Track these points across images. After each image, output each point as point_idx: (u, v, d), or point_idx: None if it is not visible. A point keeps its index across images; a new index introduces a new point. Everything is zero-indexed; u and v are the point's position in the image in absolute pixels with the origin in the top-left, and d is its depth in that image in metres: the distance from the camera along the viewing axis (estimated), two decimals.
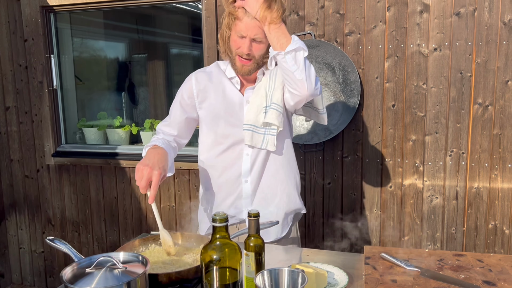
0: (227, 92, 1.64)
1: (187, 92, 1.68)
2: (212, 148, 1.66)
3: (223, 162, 1.65)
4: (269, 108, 1.57)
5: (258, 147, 1.60)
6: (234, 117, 1.63)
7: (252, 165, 1.63)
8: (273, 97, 1.57)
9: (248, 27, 1.46)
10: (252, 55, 1.51)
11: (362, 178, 2.54)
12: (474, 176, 2.38)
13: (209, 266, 0.98)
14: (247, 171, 1.64)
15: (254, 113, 1.59)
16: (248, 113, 1.59)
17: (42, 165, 3.15)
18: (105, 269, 1.08)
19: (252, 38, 1.48)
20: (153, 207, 1.38)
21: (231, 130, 1.62)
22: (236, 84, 1.64)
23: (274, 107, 1.56)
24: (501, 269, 1.22)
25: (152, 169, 1.36)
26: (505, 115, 2.29)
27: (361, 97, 2.46)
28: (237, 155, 1.64)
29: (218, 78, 1.66)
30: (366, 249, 1.38)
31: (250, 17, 1.45)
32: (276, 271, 1.06)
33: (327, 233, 2.64)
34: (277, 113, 1.56)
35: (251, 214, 1.15)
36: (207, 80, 1.66)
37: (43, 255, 3.27)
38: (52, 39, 3.06)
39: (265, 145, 1.59)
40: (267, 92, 1.59)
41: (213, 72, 1.68)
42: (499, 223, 2.38)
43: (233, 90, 1.64)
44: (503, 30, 2.23)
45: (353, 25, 2.43)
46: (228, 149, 1.64)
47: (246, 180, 1.65)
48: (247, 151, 1.63)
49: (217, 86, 1.65)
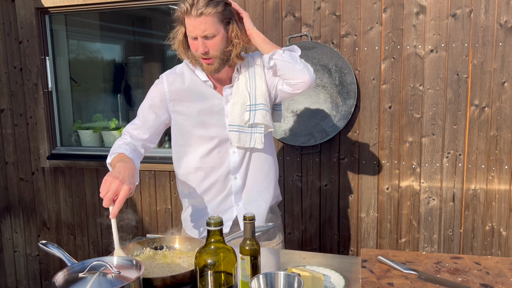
0: (204, 93, 1.61)
1: (159, 94, 1.62)
2: (196, 151, 1.64)
3: (211, 163, 1.63)
4: (256, 109, 1.59)
5: (246, 146, 1.61)
6: (215, 118, 1.61)
7: (241, 161, 1.64)
8: (257, 96, 1.59)
9: (194, 27, 1.44)
10: (210, 52, 1.48)
11: (359, 180, 2.53)
12: (471, 178, 2.37)
13: (204, 270, 0.96)
14: (236, 168, 1.64)
15: (238, 113, 1.58)
16: (232, 114, 1.59)
17: (37, 167, 3.12)
18: (99, 274, 1.07)
19: (203, 36, 1.45)
20: (112, 223, 1.29)
21: (215, 131, 1.61)
22: (210, 87, 1.62)
23: (261, 107, 1.59)
24: (499, 272, 1.21)
25: (122, 183, 1.27)
26: (501, 117, 2.29)
27: (358, 99, 2.45)
28: (223, 154, 1.63)
29: (191, 79, 1.62)
30: (363, 252, 1.37)
31: (191, 17, 1.43)
32: (272, 275, 1.04)
33: (324, 235, 2.62)
34: (264, 112, 1.59)
35: (247, 218, 1.14)
36: (180, 82, 1.62)
37: (38, 259, 3.25)
38: (47, 41, 3.04)
39: (253, 143, 1.61)
40: (249, 90, 1.59)
41: (184, 72, 1.63)
42: (496, 225, 2.37)
43: (209, 91, 1.62)
44: (499, 32, 2.23)
45: (349, 27, 2.43)
46: (214, 149, 1.62)
47: (235, 176, 1.65)
48: (233, 148, 1.63)
49: (192, 87, 1.61)
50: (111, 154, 1.54)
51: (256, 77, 1.61)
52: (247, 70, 1.62)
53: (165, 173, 2.78)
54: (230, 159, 1.64)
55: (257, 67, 1.63)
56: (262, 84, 1.61)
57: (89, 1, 2.82)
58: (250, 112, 1.59)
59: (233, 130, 1.59)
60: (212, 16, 1.44)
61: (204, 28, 1.44)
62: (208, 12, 1.42)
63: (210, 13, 1.42)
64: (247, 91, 1.59)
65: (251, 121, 1.59)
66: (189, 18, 1.45)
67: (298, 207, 2.63)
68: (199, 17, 1.42)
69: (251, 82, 1.61)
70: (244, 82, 1.60)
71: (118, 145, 1.57)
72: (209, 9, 1.42)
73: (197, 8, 1.42)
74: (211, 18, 1.43)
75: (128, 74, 4.07)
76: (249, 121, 1.59)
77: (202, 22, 1.43)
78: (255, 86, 1.60)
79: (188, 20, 1.46)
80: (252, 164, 1.66)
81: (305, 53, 2.47)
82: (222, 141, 1.62)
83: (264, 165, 1.69)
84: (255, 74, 1.61)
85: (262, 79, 1.61)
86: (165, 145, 3.03)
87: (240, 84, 1.60)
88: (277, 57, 1.51)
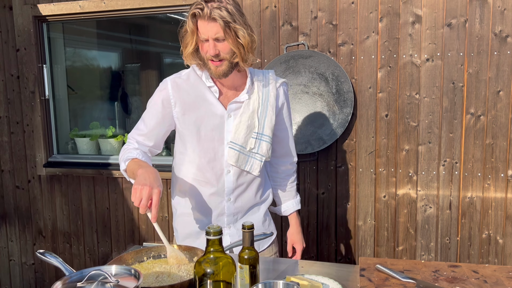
0: (207, 101, 1.58)
1: (164, 100, 1.60)
2: (192, 161, 1.61)
3: (204, 177, 1.61)
4: (262, 138, 1.59)
5: (242, 168, 1.60)
6: (214, 130, 1.58)
7: (236, 183, 1.62)
8: (266, 127, 1.60)
9: (206, 29, 1.44)
10: (221, 55, 1.47)
11: (356, 187, 2.53)
12: (467, 186, 2.38)
13: (203, 279, 0.96)
14: (230, 190, 1.62)
15: (243, 134, 1.57)
16: (237, 133, 1.57)
17: (33, 175, 3.11)
18: (97, 283, 1.06)
19: (214, 38, 1.44)
20: (155, 226, 1.35)
21: (211, 144, 1.59)
22: (215, 93, 1.58)
23: (266, 140, 1.60)
24: (496, 280, 1.22)
25: (151, 187, 1.32)
26: (497, 125, 2.31)
27: (354, 107, 2.47)
28: (218, 170, 1.60)
29: (196, 85, 1.60)
30: (361, 260, 1.37)
31: (204, 20, 1.43)
32: (271, 284, 1.04)
33: (321, 243, 2.62)
34: (268, 145, 1.61)
35: (246, 226, 1.14)
36: (185, 87, 1.60)
37: (34, 267, 3.22)
38: (44, 48, 3.05)
39: (249, 168, 1.60)
40: (260, 117, 1.58)
41: (190, 78, 1.61)
42: (493, 233, 2.38)
43: (213, 100, 1.58)
44: (494, 41, 2.26)
45: (346, 36, 2.45)
46: (209, 163, 1.60)
47: (229, 198, 1.63)
48: (229, 167, 1.60)
49: (196, 94, 1.59)
50: (125, 160, 1.54)
51: (269, 107, 1.60)
52: (261, 91, 1.60)
53: (162, 181, 2.77)
54: (225, 179, 1.61)
55: (271, 93, 1.61)
56: (272, 116, 1.61)
57: (86, 9, 2.83)
58: (256, 140, 1.58)
59: (234, 149, 1.57)
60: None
61: (216, 31, 1.43)
62: (222, 17, 1.41)
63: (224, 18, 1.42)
64: (257, 117, 1.58)
65: (255, 150, 1.58)
66: (202, 21, 1.44)
67: None
68: (212, 21, 1.42)
69: (263, 110, 1.59)
70: (256, 105, 1.58)
71: (127, 150, 1.58)
72: (223, 14, 1.41)
73: (211, 12, 1.41)
74: (223, 23, 1.42)
75: (125, 82, 4.07)
76: (253, 149, 1.58)
77: (215, 25, 1.42)
78: (266, 115, 1.59)
79: (200, 23, 1.45)
80: (250, 188, 1.66)
81: (302, 62, 2.49)
82: (217, 157, 1.60)
83: (261, 189, 1.71)
84: (268, 102, 1.60)
85: (273, 111, 1.61)
86: (162, 153, 3.03)
87: (251, 105, 1.58)
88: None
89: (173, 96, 1.59)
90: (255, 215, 1.71)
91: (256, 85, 1.60)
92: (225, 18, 1.41)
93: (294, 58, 2.50)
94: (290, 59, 2.51)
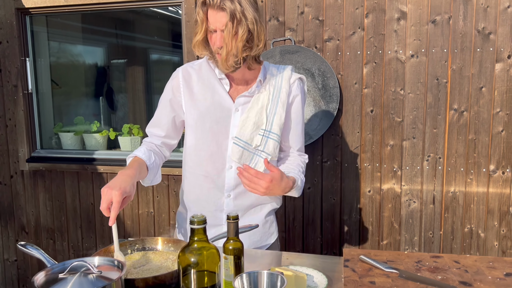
0: (216, 93, 1.55)
1: (174, 88, 1.58)
2: (193, 153, 1.59)
3: (205, 171, 1.57)
4: (269, 136, 1.53)
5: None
6: (220, 123, 1.54)
7: (237, 179, 1.55)
8: (274, 124, 1.53)
9: (215, 19, 1.40)
10: (225, 49, 1.41)
11: (342, 182, 2.55)
12: (450, 181, 2.42)
13: (187, 269, 0.96)
14: (231, 186, 1.57)
15: (250, 130, 1.52)
16: (243, 129, 1.52)
17: (16, 171, 3.06)
18: (79, 274, 1.05)
19: (222, 30, 1.40)
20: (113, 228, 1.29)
21: (215, 137, 1.54)
22: (226, 85, 1.55)
23: (274, 138, 1.54)
24: (477, 270, 1.24)
25: (111, 189, 1.27)
26: (479, 121, 2.34)
27: (340, 103, 2.48)
28: (220, 165, 1.56)
29: (207, 76, 1.57)
30: (345, 251, 1.38)
31: (214, 10, 1.40)
32: (255, 274, 1.04)
33: (307, 237, 2.64)
34: (276, 144, 1.54)
35: (230, 217, 1.14)
36: (195, 76, 1.57)
37: (16, 264, 3.18)
38: (27, 42, 3.00)
39: (253, 165, 1.54)
40: (268, 114, 1.53)
41: (202, 68, 1.58)
42: (475, 227, 2.42)
43: (222, 93, 1.55)
44: (477, 38, 2.29)
45: (332, 31, 2.46)
46: (210, 157, 1.56)
47: (229, 194, 1.58)
48: (231, 163, 1.56)
49: (206, 84, 1.56)
50: (129, 157, 1.53)
51: (279, 103, 1.54)
52: (273, 87, 1.54)
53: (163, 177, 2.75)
54: (226, 174, 1.56)
55: (283, 90, 1.55)
56: (282, 113, 1.54)
57: (71, 2, 2.79)
58: (263, 137, 1.53)
59: (238, 145, 1.52)
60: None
61: (224, 22, 1.38)
62: (232, 8, 1.37)
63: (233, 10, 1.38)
64: (266, 113, 1.53)
65: (261, 147, 1.53)
66: (212, 10, 1.40)
67: (282, 210, 2.64)
68: (222, 11, 1.38)
69: (272, 106, 1.53)
70: (265, 101, 1.53)
71: (138, 148, 1.57)
72: (233, 5, 1.37)
73: (221, 1, 1.37)
74: (232, 14, 1.38)
75: (111, 78, 4.03)
76: (259, 146, 1.53)
77: (224, 16, 1.37)
78: (275, 112, 1.53)
79: (210, 12, 1.41)
80: None
81: (288, 57, 2.49)
82: (220, 151, 1.55)
83: None
84: (279, 98, 1.54)
85: (283, 108, 1.54)
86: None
87: (261, 100, 1.53)
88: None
89: (182, 85, 1.57)
90: (256, 215, 1.64)
91: (268, 80, 1.55)
92: (235, 10, 1.37)
93: (281, 53, 2.50)
94: (277, 54, 2.51)
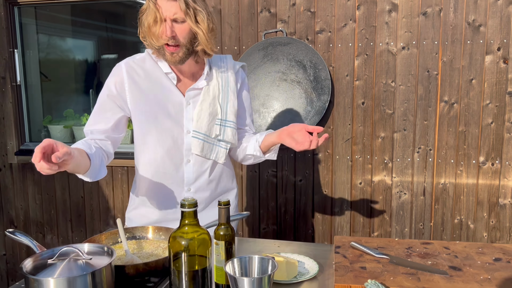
0: (164, 88, 1.51)
1: (118, 84, 1.50)
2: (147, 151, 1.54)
3: (163, 168, 1.54)
4: (226, 125, 1.55)
5: (208, 157, 1.55)
6: (173, 118, 1.52)
7: (197, 172, 1.57)
8: (229, 113, 1.55)
9: (166, 7, 1.37)
10: (178, 39, 1.39)
11: (333, 175, 2.56)
12: (440, 172, 2.43)
13: (178, 253, 0.95)
14: (191, 180, 1.57)
15: (206, 122, 1.52)
16: (199, 121, 1.52)
17: (4, 164, 3.03)
18: (69, 260, 1.04)
19: (172, 19, 1.37)
20: (118, 223, 1.31)
21: (170, 133, 1.52)
22: (173, 80, 1.52)
23: (231, 125, 1.56)
24: (466, 255, 1.25)
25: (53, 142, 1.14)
26: (469, 113, 2.36)
27: (332, 95, 2.49)
28: (178, 160, 1.55)
29: (153, 70, 1.52)
30: (336, 238, 1.39)
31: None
32: (246, 258, 1.04)
33: (298, 229, 2.64)
34: (234, 131, 1.57)
35: (221, 203, 1.13)
36: (140, 72, 1.51)
37: (5, 258, 3.14)
38: (16, 33, 2.96)
39: (214, 156, 1.55)
40: (221, 103, 1.55)
41: (146, 62, 1.53)
42: (464, 218, 2.44)
43: (171, 87, 1.52)
44: (467, 30, 2.31)
45: (323, 23, 2.46)
46: (166, 153, 1.53)
47: (189, 188, 1.58)
48: (189, 157, 1.55)
49: (153, 79, 1.51)
50: None
51: (229, 92, 1.56)
52: (220, 77, 1.56)
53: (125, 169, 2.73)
54: (184, 169, 1.56)
55: (230, 78, 1.57)
56: (234, 100, 1.56)
57: None
58: (221, 126, 1.54)
59: (198, 138, 1.51)
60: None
61: (175, 11, 1.37)
62: None
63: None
64: (219, 103, 1.54)
65: (221, 136, 1.54)
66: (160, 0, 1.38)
67: (273, 202, 2.64)
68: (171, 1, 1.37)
69: (224, 95, 1.55)
70: (216, 91, 1.54)
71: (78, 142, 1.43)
72: None
73: None
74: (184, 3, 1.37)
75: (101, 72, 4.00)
76: (218, 136, 1.54)
77: (175, 5, 1.36)
78: (227, 100, 1.55)
79: (160, 1, 1.38)
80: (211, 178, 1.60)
81: (280, 49, 2.49)
82: (176, 146, 1.53)
83: (223, 177, 1.64)
84: (229, 87, 1.56)
85: (235, 96, 1.57)
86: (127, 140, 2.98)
87: (211, 92, 1.53)
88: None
89: (127, 81, 1.50)
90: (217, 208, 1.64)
91: (214, 71, 1.56)
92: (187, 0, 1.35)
93: (273, 45, 2.50)
94: (269, 46, 2.50)
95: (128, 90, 1.50)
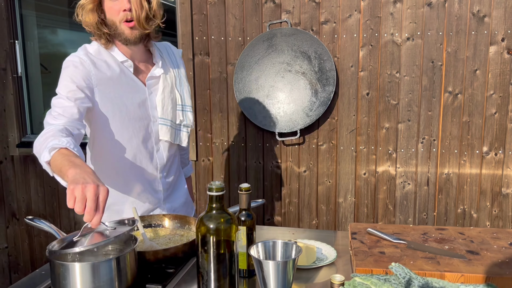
0: (127, 77, 1.49)
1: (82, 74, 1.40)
2: (121, 144, 1.49)
3: (138, 159, 1.53)
4: (185, 110, 1.63)
5: (175, 142, 1.62)
6: (141, 108, 1.51)
7: (167, 158, 1.61)
8: (186, 98, 1.63)
9: None
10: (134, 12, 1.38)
11: (337, 165, 2.57)
12: (444, 162, 2.46)
13: (206, 236, 0.96)
14: (163, 166, 1.61)
15: (171, 109, 1.58)
16: (164, 108, 1.55)
17: (5, 156, 3.00)
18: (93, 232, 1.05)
19: None
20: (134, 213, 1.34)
21: (142, 123, 1.51)
22: (130, 68, 1.49)
23: (190, 110, 1.65)
24: (482, 240, 1.27)
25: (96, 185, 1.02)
26: (473, 103, 2.38)
27: (337, 86, 2.49)
28: (151, 149, 1.56)
29: (110, 61, 1.47)
30: (352, 226, 1.40)
31: None
32: (270, 243, 1.05)
33: (302, 220, 2.65)
34: (192, 114, 1.66)
35: (242, 189, 1.14)
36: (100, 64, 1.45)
37: (7, 251, 3.12)
38: (16, 24, 2.92)
39: (178, 140, 1.62)
40: (179, 89, 1.61)
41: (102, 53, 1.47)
42: (468, 208, 2.47)
43: (132, 76, 1.50)
44: (472, 21, 2.32)
45: (328, 14, 2.46)
46: (142, 143, 1.53)
47: (163, 174, 1.62)
48: (158, 144, 1.58)
49: (113, 70, 1.47)
50: (50, 148, 1.19)
51: (182, 77, 1.64)
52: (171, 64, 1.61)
53: None
54: (157, 156, 1.58)
55: (180, 64, 1.65)
56: (187, 85, 1.66)
57: None
58: (183, 112, 1.62)
59: (165, 125, 1.56)
60: None
61: None
62: None
63: None
64: (177, 90, 1.60)
65: (184, 121, 1.62)
66: None
67: (278, 193, 2.65)
68: None
69: (179, 81, 1.62)
70: (174, 80, 1.59)
71: (52, 135, 1.25)
72: None
73: None
74: None
75: None
76: (183, 121, 1.61)
77: None
78: (183, 86, 1.63)
79: None
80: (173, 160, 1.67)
81: (285, 40, 2.49)
82: (149, 135, 1.54)
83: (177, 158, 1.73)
84: (180, 73, 1.64)
85: (186, 80, 1.66)
86: None
87: (169, 79, 1.57)
88: None
89: (94, 71, 1.42)
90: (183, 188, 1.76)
91: (165, 58, 1.61)
92: None
93: (277, 35, 2.50)
94: (273, 37, 2.50)
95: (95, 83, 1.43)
